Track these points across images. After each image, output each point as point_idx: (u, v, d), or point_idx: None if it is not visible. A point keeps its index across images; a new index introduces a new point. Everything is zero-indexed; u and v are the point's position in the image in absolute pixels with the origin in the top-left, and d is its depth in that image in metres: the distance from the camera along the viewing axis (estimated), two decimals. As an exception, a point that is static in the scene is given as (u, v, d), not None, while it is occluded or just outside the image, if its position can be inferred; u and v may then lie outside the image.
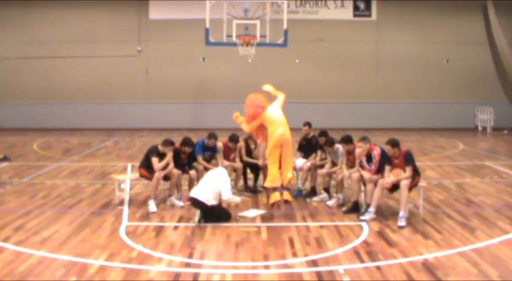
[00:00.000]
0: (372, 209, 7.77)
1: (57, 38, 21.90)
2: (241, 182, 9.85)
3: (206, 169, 9.05)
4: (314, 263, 5.99)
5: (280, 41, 15.96)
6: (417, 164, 8.08)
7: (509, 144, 18.08)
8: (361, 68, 22.68)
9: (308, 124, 10.06)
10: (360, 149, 8.24)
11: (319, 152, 9.49)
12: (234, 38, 15.24)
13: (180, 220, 7.86)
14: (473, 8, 22.39)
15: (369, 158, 8.14)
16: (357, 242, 6.76)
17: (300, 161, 9.73)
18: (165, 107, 22.38)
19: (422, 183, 8.28)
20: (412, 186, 7.83)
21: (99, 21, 22.23)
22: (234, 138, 9.55)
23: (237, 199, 8.22)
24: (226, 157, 9.54)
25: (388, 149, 7.81)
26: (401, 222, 7.44)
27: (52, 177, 11.28)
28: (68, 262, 5.98)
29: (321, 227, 7.49)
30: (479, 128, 22.29)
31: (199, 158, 9.18)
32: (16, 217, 7.89)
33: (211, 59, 22.19)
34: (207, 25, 15.59)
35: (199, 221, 7.45)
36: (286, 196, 8.18)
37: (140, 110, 22.44)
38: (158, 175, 8.47)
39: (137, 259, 6.10)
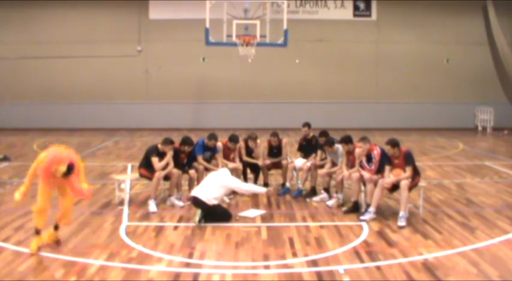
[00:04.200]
0: (372, 209, 7.77)
1: (57, 38, 21.91)
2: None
3: (206, 169, 9.07)
4: (314, 263, 5.99)
5: (280, 41, 15.96)
6: (417, 164, 8.09)
7: (509, 144, 18.08)
8: (361, 68, 22.68)
9: (307, 125, 10.06)
10: (359, 149, 8.25)
11: (319, 152, 9.50)
12: (234, 38, 15.25)
13: (180, 220, 7.86)
14: (473, 8, 22.39)
15: (369, 158, 8.14)
16: (357, 242, 6.76)
17: (300, 161, 9.73)
18: (165, 107, 22.39)
19: (422, 183, 8.27)
20: (412, 186, 7.83)
21: (99, 21, 22.23)
22: (234, 139, 9.54)
23: (263, 189, 8.30)
24: (226, 157, 9.53)
25: (388, 149, 7.81)
26: (401, 222, 7.44)
27: (52, 177, 11.26)
28: (68, 262, 5.98)
29: (321, 227, 7.49)
30: (479, 128, 22.29)
31: (199, 158, 9.18)
32: (16, 217, 7.89)
33: (211, 59, 22.20)
34: (207, 25, 15.60)
35: (200, 221, 7.45)
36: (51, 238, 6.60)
37: (140, 110, 22.45)
38: (158, 174, 8.46)
39: (137, 259, 6.10)
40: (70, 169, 6.25)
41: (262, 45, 15.75)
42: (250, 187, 8.31)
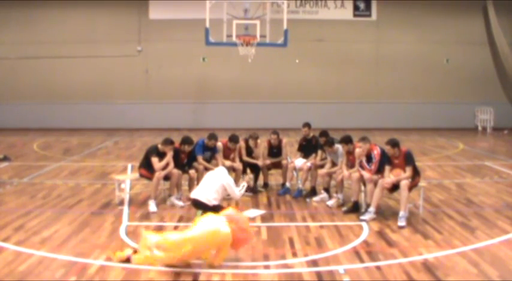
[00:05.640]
0: (372, 209, 7.77)
1: (57, 38, 21.89)
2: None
3: (206, 169, 9.06)
4: (314, 263, 5.99)
5: (280, 41, 15.94)
6: (417, 164, 8.09)
7: (509, 144, 18.08)
8: (361, 68, 22.67)
9: (307, 125, 10.06)
10: (359, 149, 8.25)
11: (319, 152, 9.50)
12: (234, 38, 15.23)
13: (180, 220, 7.86)
14: (473, 8, 22.38)
15: (369, 158, 8.14)
16: (357, 242, 6.76)
17: (300, 161, 9.73)
18: (165, 107, 22.38)
19: (422, 183, 8.28)
20: (412, 186, 7.83)
21: (99, 21, 22.22)
22: (234, 139, 9.54)
23: (242, 191, 8.18)
24: (226, 157, 9.53)
25: (388, 149, 7.82)
26: (401, 222, 7.45)
27: (52, 177, 11.29)
28: (68, 262, 5.98)
29: (321, 227, 7.49)
30: (479, 128, 22.28)
31: (199, 158, 9.18)
32: (16, 217, 7.89)
33: (211, 59, 22.19)
34: (207, 25, 15.58)
35: (199, 221, 7.43)
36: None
37: (140, 110, 22.44)
38: (158, 174, 8.47)
39: (137, 259, 6.09)
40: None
41: (262, 45, 15.73)
42: (242, 192, 8.26)
